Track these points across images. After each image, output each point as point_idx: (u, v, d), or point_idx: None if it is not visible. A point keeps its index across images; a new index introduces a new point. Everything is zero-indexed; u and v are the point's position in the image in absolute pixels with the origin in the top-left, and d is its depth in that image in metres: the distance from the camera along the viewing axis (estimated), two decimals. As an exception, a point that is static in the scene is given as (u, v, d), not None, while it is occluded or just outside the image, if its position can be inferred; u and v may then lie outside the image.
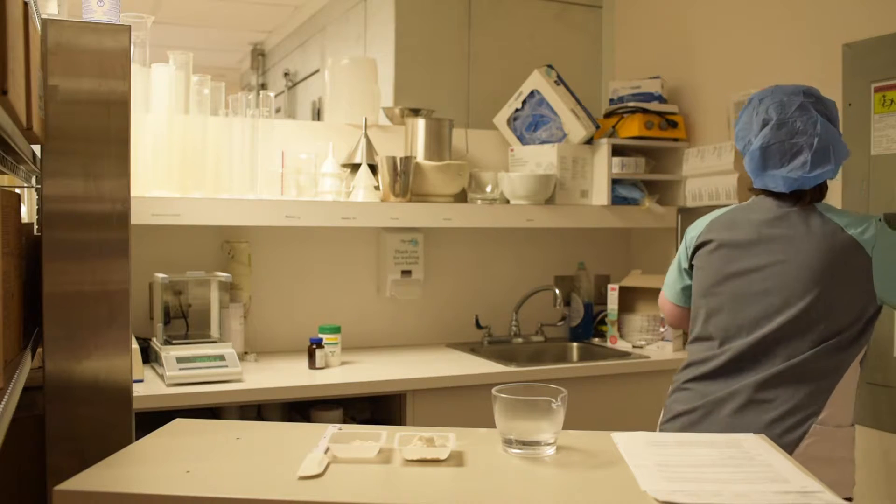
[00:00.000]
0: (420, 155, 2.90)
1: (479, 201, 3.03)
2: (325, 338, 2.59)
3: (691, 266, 2.00)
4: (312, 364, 2.55)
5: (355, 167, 2.85)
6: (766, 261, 1.84)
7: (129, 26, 1.59)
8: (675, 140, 3.11)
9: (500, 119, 3.20)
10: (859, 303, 1.80)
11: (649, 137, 3.08)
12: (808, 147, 1.79)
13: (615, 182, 3.05)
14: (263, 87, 6.06)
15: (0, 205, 1.19)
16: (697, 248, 1.97)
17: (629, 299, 3.12)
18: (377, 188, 2.81)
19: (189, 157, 2.51)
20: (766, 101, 1.86)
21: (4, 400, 1.07)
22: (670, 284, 2.08)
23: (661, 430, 1.96)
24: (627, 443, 1.54)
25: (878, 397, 2.39)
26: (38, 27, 1.49)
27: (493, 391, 1.49)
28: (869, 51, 2.43)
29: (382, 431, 1.49)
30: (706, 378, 1.89)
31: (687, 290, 2.03)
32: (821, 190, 1.88)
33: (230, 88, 2.72)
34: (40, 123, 1.42)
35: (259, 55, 6.18)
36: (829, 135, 1.80)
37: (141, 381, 2.25)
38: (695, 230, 2.01)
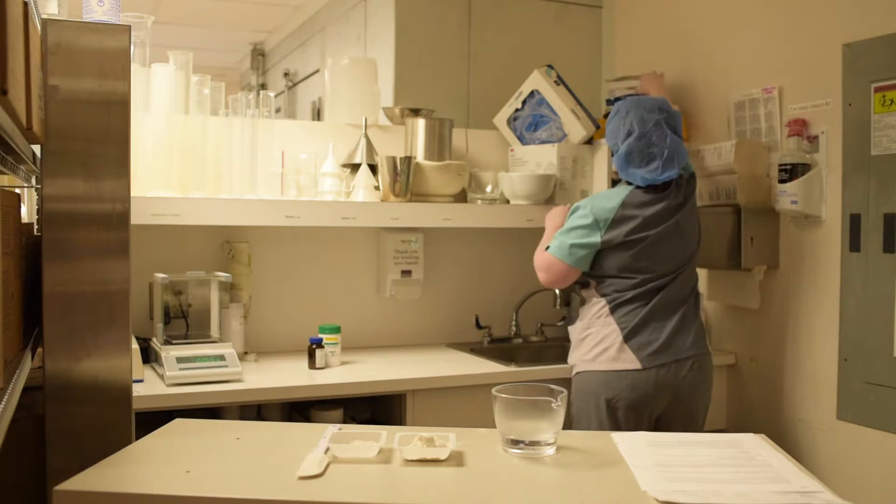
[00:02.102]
0: (420, 155, 2.90)
1: (479, 201, 3.03)
2: (325, 338, 2.59)
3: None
4: (312, 364, 2.55)
5: (355, 167, 2.85)
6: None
7: (129, 26, 1.59)
8: (675, 140, 3.11)
9: (500, 119, 3.20)
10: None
11: (649, 137, 3.07)
12: (659, 155, 2.37)
13: (615, 182, 3.04)
14: (263, 87, 6.06)
15: (0, 205, 1.19)
16: (614, 230, 2.41)
17: (629, 299, 3.12)
18: (377, 188, 2.81)
19: (189, 157, 2.51)
20: (631, 114, 2.41)
21: (4, 400, 1.07)
22: (573, 249, 2.45)
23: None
24: (627, 443, 1.54)
25: (878, 397, 2.39)
26: (38, 27, 1.49)
27: (493, 391, 1.49)
28: (869, 51, 2.43)
29: (382, 431, 1.50)
30: None
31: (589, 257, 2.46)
32: None
33: (230, 88, 2.72)
34: (40, 123, 1.42)
35: (259, 55, 6.17)
36: (675, 145, 2.39)
37: (141, 381, 2.25)
38: (605, 213, 2.42)
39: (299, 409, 2.63)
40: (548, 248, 2.50)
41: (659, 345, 2.37)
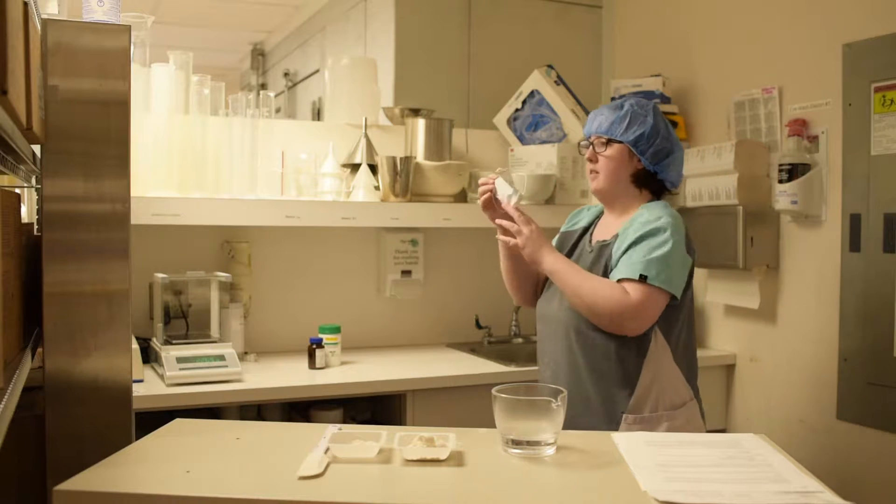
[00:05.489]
0: (420, 155, 2.90)
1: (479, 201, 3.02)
2: (325, 338, 2.59)
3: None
4: (312, 364, 2.55)
5: (355, 167, 2.85)
6: None
7: (129, 26, 1.59)
8: (675, 140, 3.10)
9: (500, 119, 3.20)
10: None
11: (649, 137, 3.06)
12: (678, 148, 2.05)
13: (615, 182, 3.04)
14: (263, 87, 6.06)
15: (0, 205, 1.19)
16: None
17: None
18: (377, 188, 2.81)
19: (189, 157, 2.51)
20: (659, 114, 2.02)
21: (4, 400, 1.07)
22: (677, 278, 1.90)
23: None
24: (628, 443, 1.54)
25: (878, 397, 2.39)
26: (38, 27, 1.49)
27: (493, 391, 1.49)
28: (869, 51, 2.43)
29: (382, 431, 1.49)
30: None
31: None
32: None
33: (230, 88, 2.72)
34: (40, 123, 1.42)
35: (259, 55, 6.17)
36: None
37: (141, 381, 2.25)
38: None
39: (299, 409, 2.63)
40: (644, 276, 1.83)
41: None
